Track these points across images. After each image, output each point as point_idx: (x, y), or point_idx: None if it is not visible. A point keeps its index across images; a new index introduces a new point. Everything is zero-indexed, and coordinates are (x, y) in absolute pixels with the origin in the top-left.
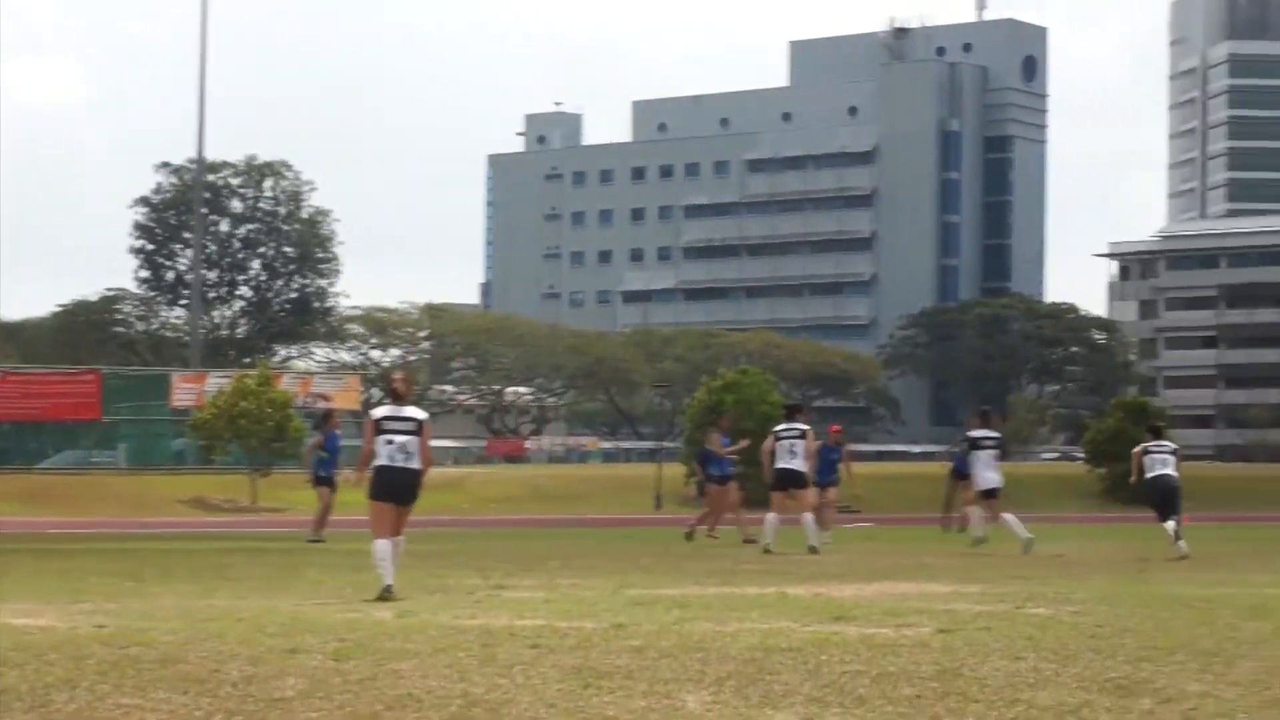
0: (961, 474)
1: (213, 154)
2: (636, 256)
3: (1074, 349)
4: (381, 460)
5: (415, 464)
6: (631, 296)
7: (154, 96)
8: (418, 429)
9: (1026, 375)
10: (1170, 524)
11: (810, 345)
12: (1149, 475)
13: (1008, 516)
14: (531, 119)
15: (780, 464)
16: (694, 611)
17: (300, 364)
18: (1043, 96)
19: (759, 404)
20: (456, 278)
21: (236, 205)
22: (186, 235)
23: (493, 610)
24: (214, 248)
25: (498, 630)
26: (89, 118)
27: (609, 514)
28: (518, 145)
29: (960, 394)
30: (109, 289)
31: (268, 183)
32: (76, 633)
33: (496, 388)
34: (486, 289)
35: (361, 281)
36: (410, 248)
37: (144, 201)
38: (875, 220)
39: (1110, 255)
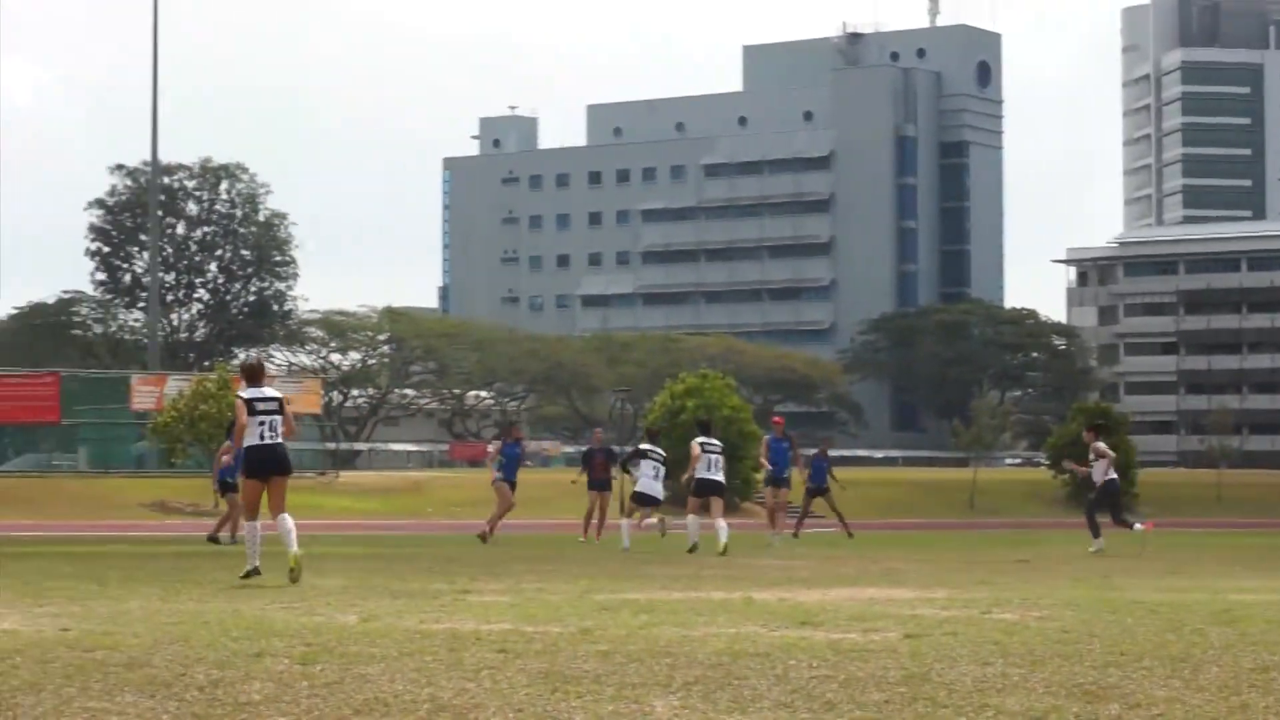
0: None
1: (167, 156)
2: (595, 261)
3: (1035, 355)
4: (253, 440)
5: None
6: (590, 301)
7: (108, 98)
8: (280, 408)
9: (988, 381)
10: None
11: (771, 350)
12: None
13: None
14: (486, 122)
15: (701, 475)
16: (661, 616)
17: None
18: (998, 103)
19: (720, 408)
20: (415, 281)
21: (192, 208)
22: (143, 238)
23: (459, 614)
24: (170, 250)
25: (464, 634)
26: (42, 119)
27: (574, 519)
28: (473, 149)
29: (922, 399)
30: (66, 291)
31: (224, 185)
32: (41, 635)
33: (457, 391)
34: (445, 292)
35: (320, 285)
36: (368, 251)
37: (99, 204)
38: (833, 225)
39: (1068, 261)
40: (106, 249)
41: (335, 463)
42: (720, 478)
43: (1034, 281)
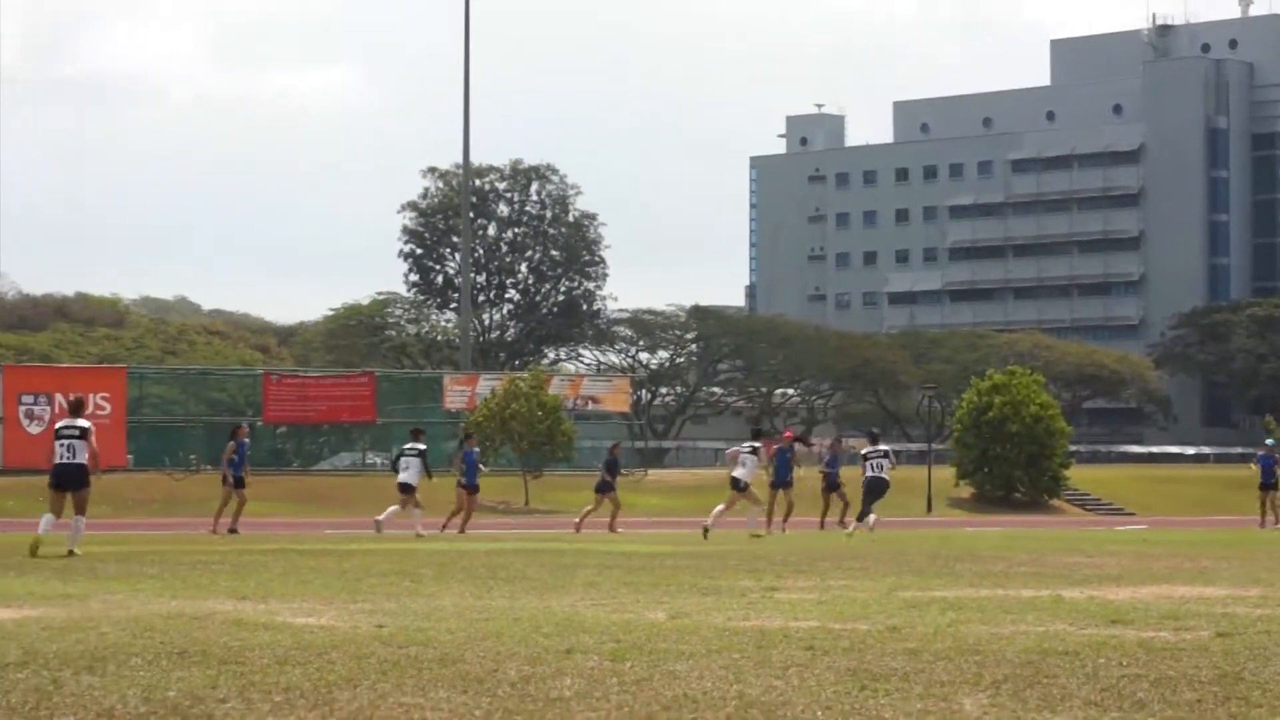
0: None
1: (478, 158)
2: (902, 258)
3: None
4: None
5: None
6: (897, 298)
7: (420, 101)
8: (83, 434)
9: None
10: None
11: (1079, 346)
12: None
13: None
14: (793, 120)
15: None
16: (968, 614)
17: (569, 366)
18: None
19: (1028, 404)
20: (722, 280)
21: (503, 209)
22: (455, 239)
23: (766, 612)
24: (482, 252)
25: (772, 632)
26: (357, 122)
27: (880, 516)
28: (780, 147)
29: (1234, 394)
30: (380, 293)
31: (534, 186)
32: (357, 632)
33: (764, 389)
34: (751, 291)
35: (628, 283)
36: (676, 250)
37: (412, 206)
38: (1143, 219)
39: None
40: (419, 251)
41: (644, 461)
42: (747, 475)
43: None
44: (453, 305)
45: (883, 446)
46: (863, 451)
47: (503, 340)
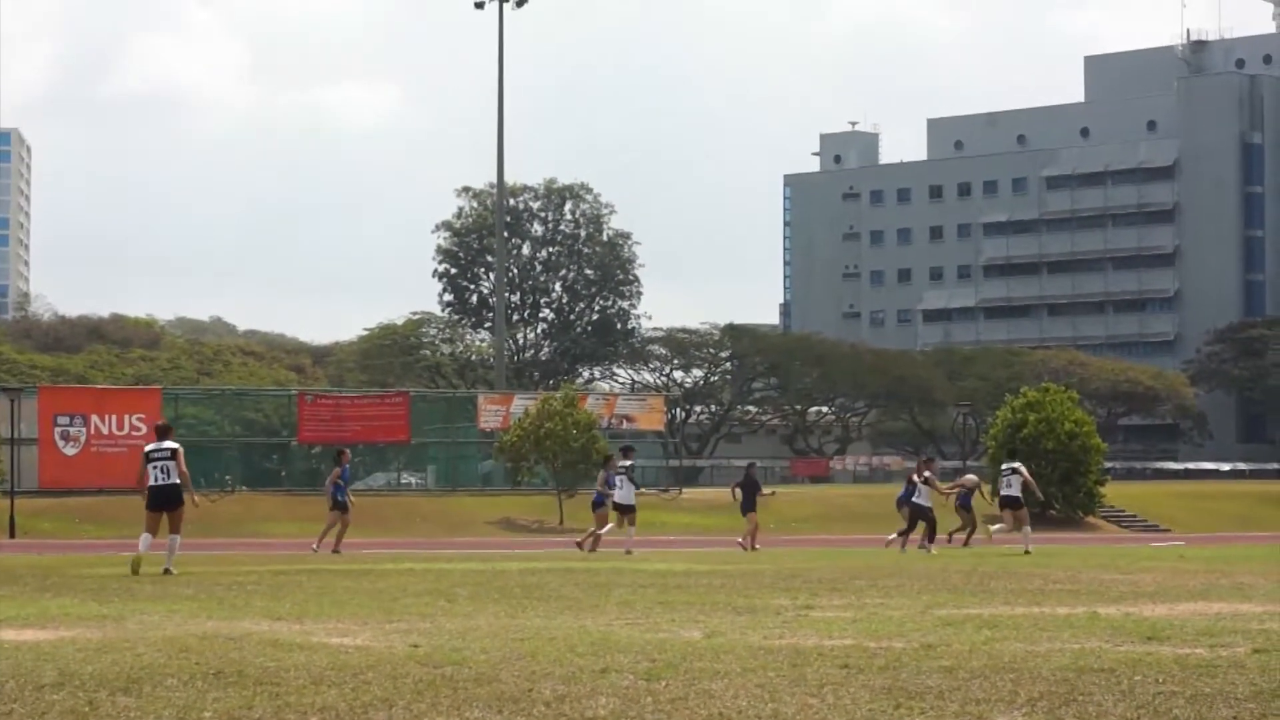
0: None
1: (512, 178)
2: (936, 275)
3: None
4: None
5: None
6: (932, 315)
7: (455, 121)
8: (173, 455)
9: None
10: None
11: (1114, 363)
12: None
13: None
14: (827, 138)
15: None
16: (1004, 631)
17: (603, 385)
18: None
19: (1063, 421)
20: (757, 297)
21: (537, 229)
22: (489, 259)
23: (802, 630)
24: (516, 271)
25: (807, 650)
26: (391, 142)
27: (915, 534)
28: (814, 165)
29: (1270, 410)
30: (414, 312)
31: (568, 206)
32: (392, 652)
33: (799, 407)
34: (786, 308)
35: (662, 302)
36: (710, 268)
37: (446, 226)
38: (1177, 235)
39: None
40: (454, 270)
41: (678, 479)
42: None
43: None
44: (487, 325)
45: (1015, 463)
46: (1001, 467)
47: (537, 359)
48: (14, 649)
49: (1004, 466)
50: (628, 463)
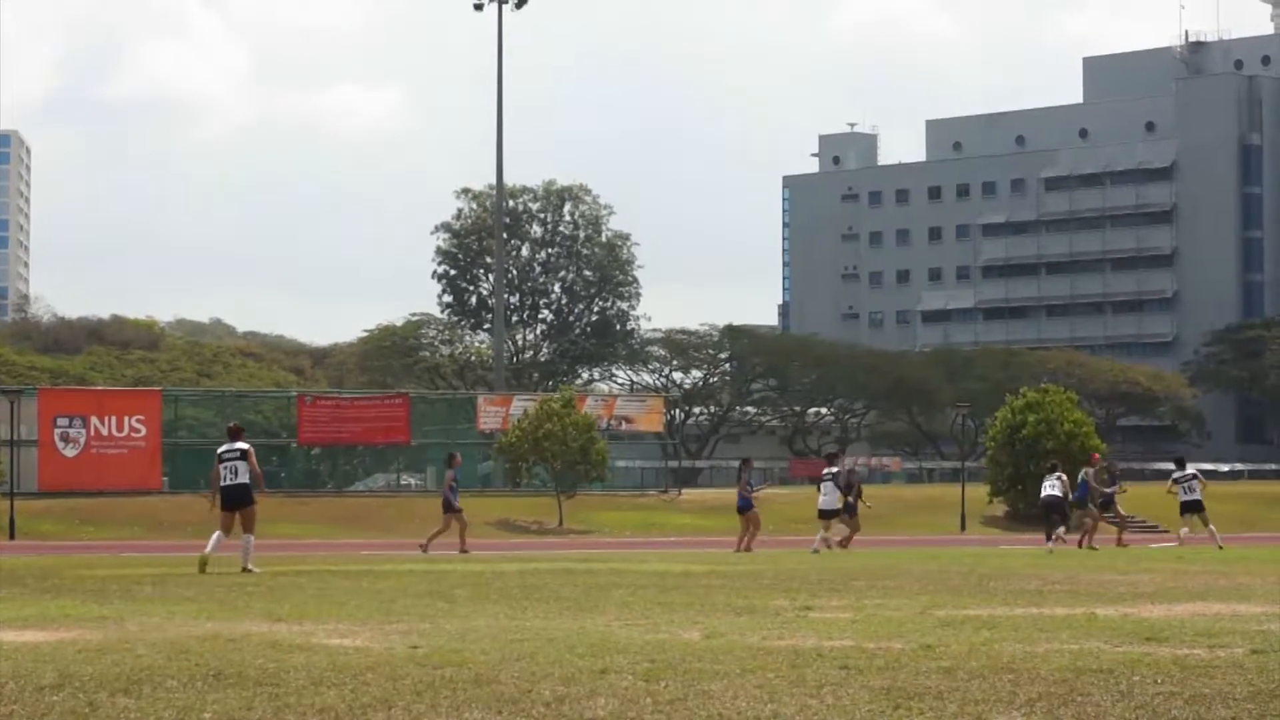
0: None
1: (512, 179)
2: (935, 276)
3: None
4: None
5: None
6: (931, 316)
7: (454, 122)
8: (243, 455)
9: None
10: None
11: (1113, 364)
12: None
13: None
14: (825, 140)
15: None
16: (1002, 632)
17: (602, 386)
18: None
19: (1061, 422)
20: (755, 299)
21: (536, 230)
22: (488, 260)
23: (801, 631)
24: (515, 272)
25: (806, 651)
26: (390, 144)
27: (914, 535)
28: (812, 166)
29: (1269, 411)
30: (413, 314)
31: (567, 207)
32: (391, 653)
33: (797, 409)
34: (785, 309)
35: (661, 303)
36: (709, 269)
37: (445, 228)
38: (1176, 236)
39: None
40: (453, 272)
41: (677, 480)
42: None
43: None
44: (486, 326)
45: (1190, 469)
46: (1174, 475)
47: (536, 361)
48: (14, 650)
49: (1179, 474)
50: (834, 469)
